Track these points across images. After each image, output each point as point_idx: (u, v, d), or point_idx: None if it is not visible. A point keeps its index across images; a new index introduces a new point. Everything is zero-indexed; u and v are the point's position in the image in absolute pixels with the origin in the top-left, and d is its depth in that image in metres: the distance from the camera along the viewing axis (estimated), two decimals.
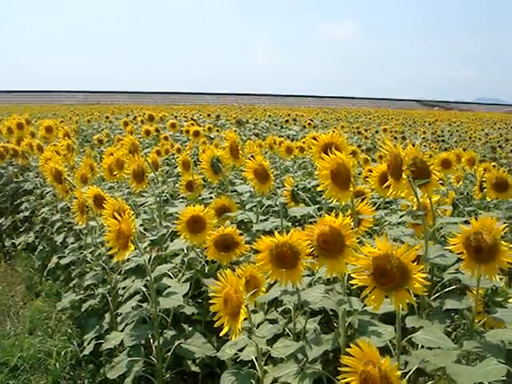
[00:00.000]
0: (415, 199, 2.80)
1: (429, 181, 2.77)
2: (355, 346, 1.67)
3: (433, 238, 3.20)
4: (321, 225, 2.28)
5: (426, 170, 2.82)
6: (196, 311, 3.66)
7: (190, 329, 3.50)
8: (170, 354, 3.30)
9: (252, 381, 2.54)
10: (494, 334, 2.28)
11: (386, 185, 2.74)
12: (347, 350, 1.69)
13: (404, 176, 2.62)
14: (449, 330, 3.25)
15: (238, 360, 2.72)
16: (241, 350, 2.73)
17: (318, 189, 2.75)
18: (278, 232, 2.40)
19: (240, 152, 4.20)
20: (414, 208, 3.04)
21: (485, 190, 4.68)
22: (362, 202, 3.18)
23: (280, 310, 3.21)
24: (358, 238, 2.90)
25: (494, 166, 8.83)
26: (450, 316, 2.77)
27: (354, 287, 2.15)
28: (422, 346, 2.35)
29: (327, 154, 2.65)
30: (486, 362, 2.15)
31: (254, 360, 2.46)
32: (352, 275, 2.02)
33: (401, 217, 3.55)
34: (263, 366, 2.60)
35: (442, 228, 3.32)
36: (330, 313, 3.25)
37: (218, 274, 2.33)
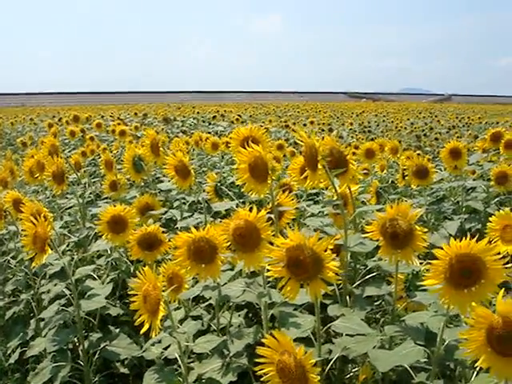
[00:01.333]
0: (337, 189, 2.82)
1: (345, 170, 2.79)
2: (271, 337, 1.68)
3: (354, 226, 3.24)
4: (236, 219, 2.28)
5: (343, 160, 2.84)
6: (122, 312, 3.60)
7: (117, 330, 3.45)
8: (97, 357, 3.24)
9: (175, 378, 2.52)
10: (412, 317, 2.32)
11: (303, 176, 2.76)
12: (263, 340, 1.69)
13: (320, 166, 2.63)
14: (378, 316, 3.31)
15: (164, 358, 2.70)
16: (166, 348, 2.71)
17: (237, 182, 2.75)
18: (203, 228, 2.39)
19: (161, 149, 4.15)
20: (333, 198, 3.06)
21: (407, 177, 4.77)
22: (285, 194, 3.18)
23: (203, 305, 3.19)
24: (280, 230, 2.93)
25: (418, 154, 9.02)
26: (371, 303, 2.81)
27: (271, 279, 2.16)
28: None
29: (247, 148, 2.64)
30: (404, 345, 2.19)
31: (178, 357, 2.44)
32: (267, 267, 2.02)
33: (322, 207, 3.59)
34: (187, 362, 2.58)
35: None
36: (257, 306, 3.26)
37: (137, 272, 2.30)
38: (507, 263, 1.80)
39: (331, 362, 2.32)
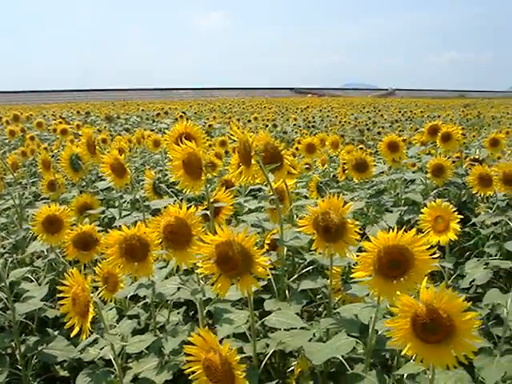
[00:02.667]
0: (271, 184, 2.82)
1: (280, 165, 2.79)
2: (196, 335, 1.66)
3: (291, 221, 3.25)
4: (166, 216, 2.26)
5: (278, 155, 2.85)
6: (60, 314, 3.54)
7: (56, 332, 3.38)
8: (36, 360, 3.18)
9: (109, 380, 2.49)
10: (345, 309, 2.34)
11: (237, 171, 2.75)
12: (189, 339, 1.68)
13: (253, 162, 2.63)
14: (321, 309, 3.33)
15: (104, 359, 2.67)
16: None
17: (172, 179, 2.73)
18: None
19: (97, 147, 4.09)
20: (270, 193, 3.06)
21: (346, 171, 4.82)
22: (222, 189, 3.17)
23: (140, 304, 3.16)
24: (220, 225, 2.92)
25: (361, 148, 9.13)
26: (308, 296, 2.82)
27: (201, 276, 2.15)
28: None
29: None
30: (337, 337, 2.21)
31: (111, 358, 2.41)
32: (198, 264, 2.01)
33: (259, 202, 3.59)
34: (126, 362, 2.56)
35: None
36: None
37: (66, 274, 2.26)
38: (435, 253, 1.82)
39: (267, 357, 2.32)
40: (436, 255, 1.82)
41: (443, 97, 73.25)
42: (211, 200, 2.92)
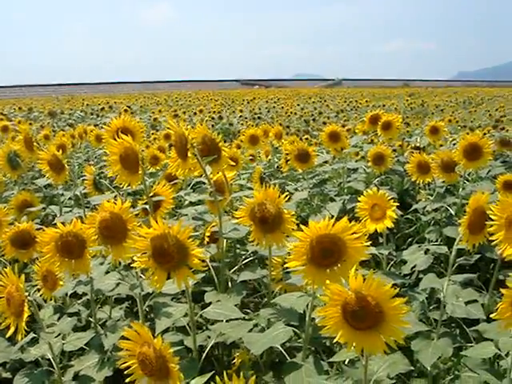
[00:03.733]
0: (208, 176, 2.82)
1: (216, 157, 2.79)
2: (130, 330, 1.66)
3: (232, 213, 3.26)
4: (101, 211, 2.24)
5: (216, 147, 2.85)
6: None
7: None
8: None
9: (47, 379, 2.46)
10: (282, 298, 2.35)
11: (174, 165, 2.74)
12: (123, 334, 1.67)
13: (190, 154, 2.63)
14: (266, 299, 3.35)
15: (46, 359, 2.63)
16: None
17: (109, 174, 2.71)
18: None
19: (35, 144, 4.02)
20: (208, 185, 3.07)
21: (289, 161, 4.85)
22: (162, 183, 3.16)
23: (80, 301, 3.13)
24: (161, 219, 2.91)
25: (306, 138, 9.17)
26: (247, 287, 2.84)
27: (139, 270, 2.14)
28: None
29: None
30: (275, 326, 2.23)
31: (50, 357, 2.38)
32: (134, 258, 2.00)
33: (199, 195, 3.58)
34: (64, 361, 2.54)
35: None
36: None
37: None
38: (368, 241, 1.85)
39: (207, 349, 2.33)
40: (368, 243, 1.85)
41: (389, 86, 74.15)
42: (152, 194, 2.91)
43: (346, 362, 2.23)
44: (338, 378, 2.02)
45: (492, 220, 2.17)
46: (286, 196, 2.39)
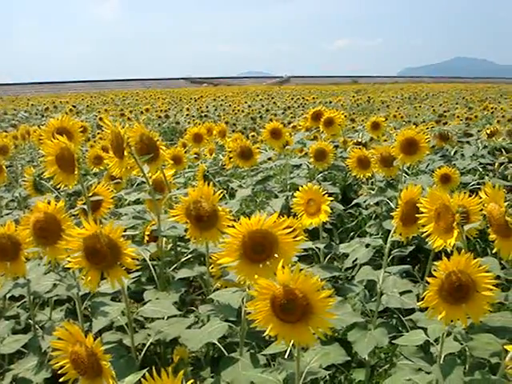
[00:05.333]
0: (146, 175, 2.82)
1: (154, 156, 2.80)
2: (61, 329, 1.65)
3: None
4: (35, 212, 2.23)
5: (153, 146, 2.86)
6: None
7: None
8: None
9: None
10: (217, 294, 2.36)
11: (112, 164, 2.74)
12: (55, 333, 1.66)
13: (126, 154, 2.63)
14: None
15: None
16: None
17: (45, 175, 2.69)
18: None
19: None
20: (146, 184, 3.07)
21: (232, 159, 4.87)
22: (102, 183, 3.15)
23: (19, 304, 3.09)
24: (103, 219, 2.90)
25: (253, 135, 9.20)
26: (186, 284, 2.85)
27: (75, 270, 2.14)
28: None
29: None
30: (211, 322, 2.25)
31: None
32: (67, 259, 2.00)
33: (138, 194, 3.58)
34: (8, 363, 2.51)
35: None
36: None
37: None
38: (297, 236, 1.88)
39: (146, 347, 2.34)
40: (299, 238, 1.89)
41: (337, 83, 74.79)
42: (91, 194, 2.90)
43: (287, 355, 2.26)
44: (274, 370, 2.05)
45: (422, 212, 2.23)
46: (222, 193, 2.40)
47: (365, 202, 4.36)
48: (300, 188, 2.82)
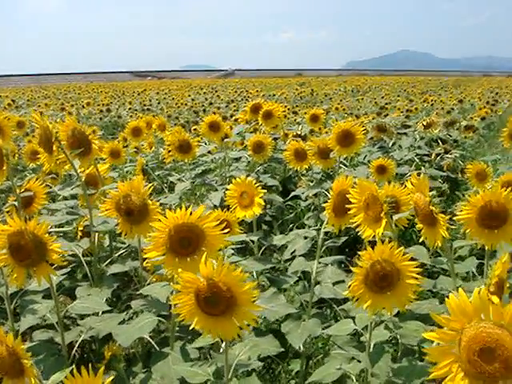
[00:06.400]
0: (77, 170, 2.78)
1: (87, 150, 2.77)
2: None
3: None
4: None
5: (85, 140, 2.82)
6: None
7: None
8: None
9: None
10: (147, 289, 2.33)
11: (42, 159, 2.70)
12: None
13: (55, 148, 2.59)
14: None
15: None
16: None
17: None
18: None
19: None
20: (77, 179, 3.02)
21: (170, 152, 4.85)
22: (34, 179, 3.09)
23: None
24: (37, 215, 2.85)
25: (195, 129, 9.16)
26: (122, 279, 2.83)
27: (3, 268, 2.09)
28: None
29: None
30: (141, 317, 2.23)
31: None
32: None
33: (72, 189, 3.53)
34: None
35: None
36: None
37: None
38: (224, 229, 1.88)
39: (77, 344, 2.32)
40: (227, 230, 1.89)
41: (282, 76, 75.12)
42: (23, 190, 2.85)
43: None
44: (203, 364, 2.05)
45: (351, 203, 2.26)
46: (151, 188, 2.38)
47: (303, 193, 4.38)
48: (233, 181, 2.82)
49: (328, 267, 2.78)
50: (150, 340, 2.26)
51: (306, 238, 3.20)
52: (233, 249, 2.99)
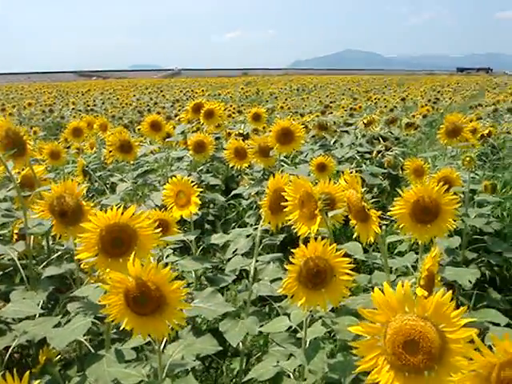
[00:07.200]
0: (10, 171, 2.73)
1: (21, 151, 2.73)
2: None
3: None
4: None
5: (20, 141, 2.78)
6: None
7: None
8: None
9: None
10: (82, 291, 2.30)
11: None
12: None
13: None
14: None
15: None
16: None
17: None
18: None
19: None
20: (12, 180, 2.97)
21: (111, 153, 4.80)
22: None
23: None
24: None
25: (139, 129, 9.08)
26: (58, 282, 2.78)
27: None
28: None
29: None
30: (74, 319, 2.20)
31: None
32: None
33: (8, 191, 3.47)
34: None
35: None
36: None
37: None
38: (162, 228, 1.88)
39: (11, 349, 2.27)
40: (158, 230, 1.88)
41: (228, 75, 75.23)
42: None
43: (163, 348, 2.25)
44: (138, 365, 2.04)
45: (287, 200, 2.27)
46: (85, 188, 2.36)
47: (244, 192, 4.39)
48: (169, 180, 2.81)
49: (270, 265, 2.79)
50: (85, 342, 2.23)
51: (248, 236, 3.20)
52: (174, 249, 2.98)
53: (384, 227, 3.71)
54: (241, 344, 2.63)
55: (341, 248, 1.89)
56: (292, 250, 1.84)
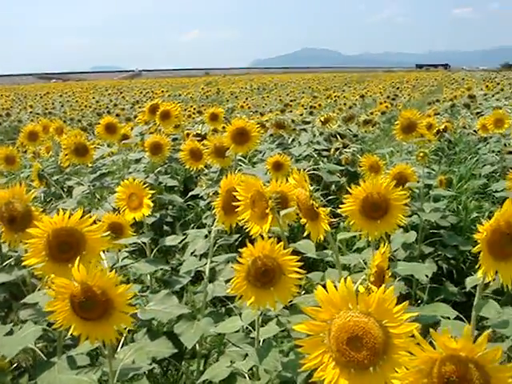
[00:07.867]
0: None
1: None
2: None
3: None
4: None
5: None
6: None
7: None
8: None
9: None
10: (35, 296, 2.29)
11: None
12: None
13: None
14: None
15: None
16: None
17: None
18: None
19: None
20: None
21: (67, 156, 4.75)
22: None
23: None
24: None
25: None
26: (7, 289, 2.75)
27: None
28: None
29: None
30: (25, 327, 2.20)
31: None
32: None
33: None
34: None
35: None
36: None
37: None
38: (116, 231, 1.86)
39: None
40: (107, 233, 1.86)
41: (190, 75, 75.03)
42: None
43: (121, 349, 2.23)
44: (90, 370, 2.02)
45: (239, 200, 2.27)
46: (34, 193, 2.32)
47: (201, 193, 4.38)
48: (121, 183, 2.79)
49: (228, 266, 2.79)
50: (37, 350, 2.20)
51: (206, 237, 3.20)
52: (132, 251, 2.96)
53: (342, 223, 3.75)
54: (197, 345, 2.62)
55: (293, 246, 1.90)
56: (240, 250, 1.84)
